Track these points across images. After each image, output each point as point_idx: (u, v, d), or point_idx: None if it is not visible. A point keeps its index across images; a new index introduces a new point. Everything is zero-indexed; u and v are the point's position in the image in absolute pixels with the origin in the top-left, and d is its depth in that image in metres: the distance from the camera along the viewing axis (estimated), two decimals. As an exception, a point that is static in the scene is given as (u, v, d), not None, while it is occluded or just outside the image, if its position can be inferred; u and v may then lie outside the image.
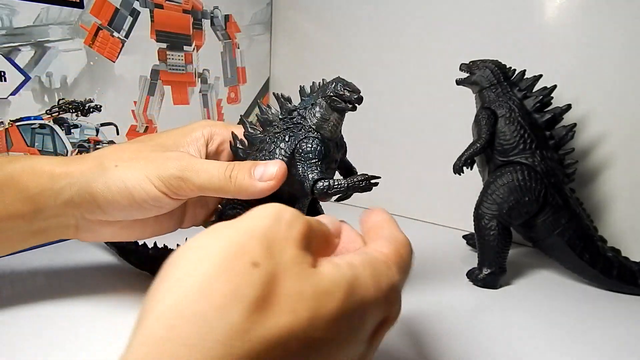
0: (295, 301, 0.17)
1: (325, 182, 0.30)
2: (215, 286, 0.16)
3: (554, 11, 0.49)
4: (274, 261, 0.17)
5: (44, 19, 0.47)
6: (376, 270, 0.20)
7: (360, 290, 0.19)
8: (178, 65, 0.61)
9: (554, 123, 0.43)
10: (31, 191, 0.31)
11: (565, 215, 0.42)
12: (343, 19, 0.65)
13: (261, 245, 0.18)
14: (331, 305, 0.18)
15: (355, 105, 0.31)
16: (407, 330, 0.34)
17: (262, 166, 0.31)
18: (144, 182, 0.31)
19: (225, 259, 0.17)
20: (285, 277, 0.17)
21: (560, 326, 0.36)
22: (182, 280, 0.16)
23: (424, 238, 0.55)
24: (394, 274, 0.21)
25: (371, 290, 0.19)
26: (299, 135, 0.32)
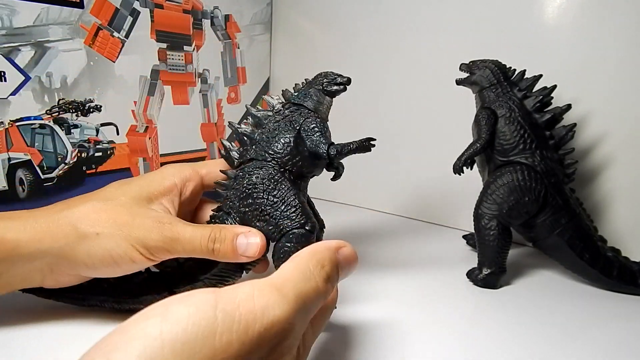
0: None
1: (337, 146, 0.34)
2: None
3: (554, 11, 0.49)
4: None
5: (44, 19, 0.47)
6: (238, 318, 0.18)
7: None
8: (178, 65, 0.61)
9: (554, 123, 0.43)
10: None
11: (565, 215, 0.42)
12: (343, 19, 0.65)
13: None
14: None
15: (345, 86, 0.36)
16: (407, 330, 0.34)
17: (244, 240, 0.31)
18: (131, 251, 0.30)
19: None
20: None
21: (560, 326, 0.36)
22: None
23: (424, 238, 0.55)
24: (268, 315, 0.18)
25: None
26: (301, 117, 0.35)
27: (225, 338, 0.17)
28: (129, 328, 0.17)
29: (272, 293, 0.19)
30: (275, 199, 0.33)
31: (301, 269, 0.21)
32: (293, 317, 0.19)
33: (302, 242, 0.32)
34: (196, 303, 0.17)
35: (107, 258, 0.30)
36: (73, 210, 0.31)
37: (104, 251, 0.30)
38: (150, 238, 0.30)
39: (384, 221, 0.62)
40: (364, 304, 0.38)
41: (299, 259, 0.22)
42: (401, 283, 0.42)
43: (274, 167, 0.33)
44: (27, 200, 0.49)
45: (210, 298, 0.18)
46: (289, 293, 0.19)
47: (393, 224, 0.61)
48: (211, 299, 0.18)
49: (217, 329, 0.17)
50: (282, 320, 0.18)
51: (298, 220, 0.32)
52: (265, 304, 0.18)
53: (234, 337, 0.17)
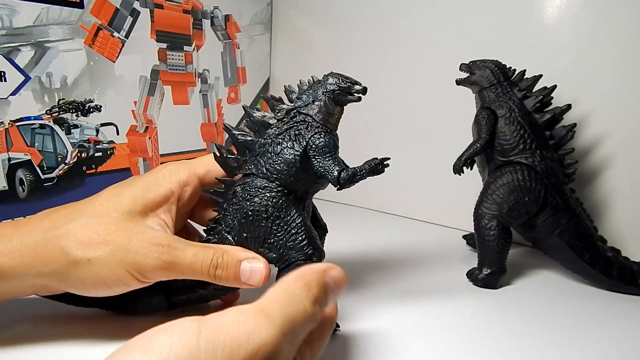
0: None
1: (348, 171, 0.30)
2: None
3: (553, 11, 0.49)
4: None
5: (44, 19, 0.47)
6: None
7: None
8: (178, 65, 0.61)
9: (554, 123, 0.43)
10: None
11: (565, 215, 0.42)
12: (343, 18, 0.65)
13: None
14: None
15: (361, 96, 0.32)
16: (407, 330, 0.34)
17: (247, 268, 0.30)
18: (125, 276, 0.28)
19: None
20: None
21: (560, 326, 0.36)
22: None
23: (424, 238, 0.55)
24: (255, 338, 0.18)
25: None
26: (308, 131, 0.31)
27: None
28: (117, 357, 0.16)
29: (257, 317, 0.18)
30: (280, 229, 0.30)
31: (288, 292, 0.20)
32: (279, 341, 0.18)
33: None
34: (179, 332, 0.17)
35: (99, 283, 0.28)
36: (61, 231, 0.28)
37: (96, 277, 0.28)
38: (147, 263, 0.28)
39: (384, 221, 0.62)
40: (364, 304, 0.38)
41: (286, 283, 0.21)
42: (401, 283, 0.42)
43: (277, 188, 0.31)
44: (27, 200, 0.49)
45: (194, 326, 0.17)
46: (276, 317, 0.19)
47: (393, 224, 0.60)
48: (195, 327, 0.17)
49: (201, 357, 0.16)
50: (268, 344, 0.18)
51: (305, 252, 0.30)
52: (251, 329, 0.18)
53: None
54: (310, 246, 0.30)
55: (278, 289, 0.21)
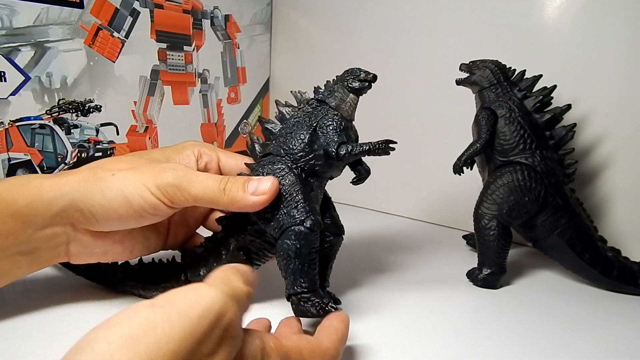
0: None
1: (348, 146, 0.32)
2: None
3: (554, 11, 0.49)
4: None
5: (44, 19, 0.47)
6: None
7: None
8: (178, 65, 0.61)
9: (554, 123, 0.43)
10: (19, 204, 0.30)
11: (565, 215, 0.42)
12: (343, 19, 0.65)
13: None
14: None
15: (370, 82, 0.35)
16: (407, 330, 0.34)
17: (255, 181, 0.31)
18: (142, 190, 0.31)
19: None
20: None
21: (560, 326, 0.36)
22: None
23: (424, 238, 0.55)
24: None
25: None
26: (320, 114, 0.34)
27: (166, 326, 0.18)
28: (79, 343, 0.17)
29: (202, 285, 0.20)
30: (280, 202, 0.32)
31: (222, 274, 0.22)
32: (224, 300, 0.20)
33: (300, 239, 0.31)
34: (134, 308, 0.18)
35: (120, 198, 0.31)
36: (95, 162, 0.34)
37: (117, 190, 0.31)
38: (163, 176, 0.31)
39: (384, 221, 0.62)
40: (363, 304, 0.38)
41: (216, 272, 0.23)
42: (401, 283, 0.42)
43: (286, 162, 0.33)
44: (27, 200, 0.49)
45: (147, 302, 0.19)
46: (218, 285, 0.21)
47: (393, 224, 0.61)
48: (148, 303, 0.19)
49: (157, 321, 0.18)
50: (215, 302, 0.19)
51: (298, 217, 0.31)
52: (199, 293, 0.19)
53: (175, 323, 0.18)
54: (304, 212, 0.31)
55: (212, 275, 0.22)
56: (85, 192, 0.31)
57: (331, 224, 0.35)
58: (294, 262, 0.31)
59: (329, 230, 0.35)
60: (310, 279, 0.31)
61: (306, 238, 0.31)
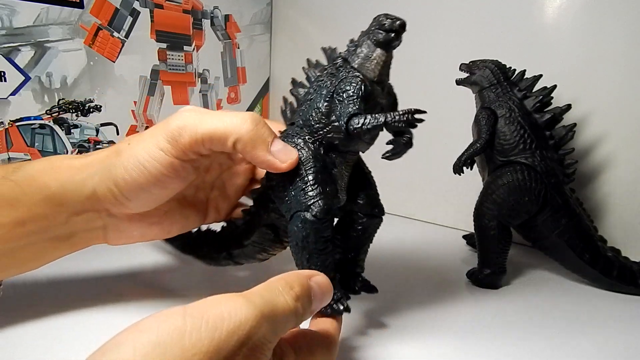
0: None
1: (360, 117, 0.27)
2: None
3: (554, 11, 0.49)
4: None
5: (44, 19, 0.47)
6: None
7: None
8: (178, 65, 0.61)
9: (554, 123, 0.43)
10: (52, 188, 0.30)
11: (565, 215, 0.42)
12: (343, 19, 0.65)
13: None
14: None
15: (397, 31, 0.28)
16: (407, 330, 0.34)
17: (282, 145, 0.29)
18: (153, 151, 0.29)
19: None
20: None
21: (561, 326, 0.36)
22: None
23: (424, 238, 0.55)
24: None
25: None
26: (340, 76, 0.29)
27: (194, 336, 0.18)
28: (106, 345, 0.18)
29: (239, 299, 0.20)
30: (290, 173, 0.28)
31: (269, 286, 0.22)
32: (258, 320, 0.19)
33: (306, 227, 0.27)
34: (166, 314, 0.18)
35: (137, 166, 0.29)
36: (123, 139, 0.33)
37: (133, 159, 0.30)
38: (169, 124, 0.29)
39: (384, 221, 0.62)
40: (363, 304, 0.38)
41: (269, 281, 0.22)
42: (401, 283, 0.42)
43: (304, 135, 0.29)
44: (27, 200, 0.49)
45: (179, 309, 0.19)
46: (256, 301, 0.20)
47: (393, 224, 0.60)
48: (180, 310, 0.19)
49: (186, 330, 0.18)
50: (248, 320, 0.19)
51: (304, 201, 0.27)
52: (233, 307, 0.19)
53: (203, 335, 0.18)
54: (311, 196, 0.27)
55: (261, 285, 0.22)
56: (109, 168, 0.30)
57: (365, 203, 0.31)
58: (302, 252, 0.28)
59: (362, 211, 0.31)
60: (320, 270, 0.27)
61: (312, 226, 0.27)
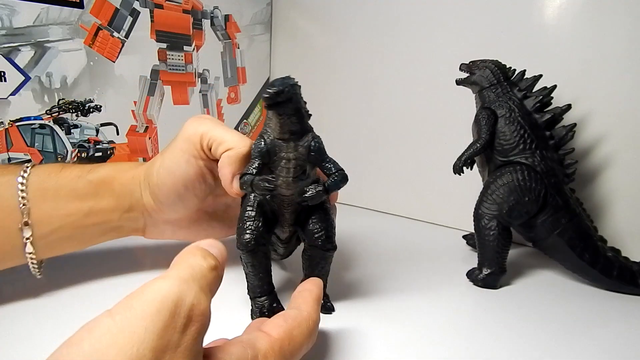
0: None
1: (245, 177, 0.32)
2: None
3: (554, 11, 0.49)
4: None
5: (44, 19, 0.47)
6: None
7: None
8: (178, 65, 0.61)
9: (554, 123, 0.43)
10: (116, 191, 0.37)
11: (565, 215, 0.42)
12: (343, 19, 0.65)
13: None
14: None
15: (267, 103, 0.29)
16: (407, 330, 0.34)
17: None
18: (178, 154, 0.36)
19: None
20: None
21: (560, 326, 0.36)
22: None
23: (424, 238, 0.55)
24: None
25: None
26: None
27: (127, 331, 0.18)
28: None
29: (156, 279, 0.20)
30: (242, 205, 0.35)
31: (177, 260, 0.22)
32: (180, 285, 0.20)
33: (239, 253, 0.34)
34: (93, 321, 0.18)
35: (165, 171, 0.36)
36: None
37: (164, 167, 0.36)
38: (188, 129, 0.36)
39: (384, 221, 0.62)
40: (363, 304, 0.38)
41: (173, 263, 0.23)
42: (401, 283, 0.42)
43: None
44: (27, 200, 0.49)
45: (105, 312, 0.19)
46: (171, 273, 0.21)
47: (393, 224, 0.61)
48: (105, 312, 0.19)
49: (117, 329, 0.18)
50: (171, 290, 0.19)
51: (238, 232, 0.34)
52: (153, 288, 0.20)
53: (134, 326, 0.18)
54: (243, 231, 0.33)
55: (170, 267, 0.22)
56: (148, 178, 0.37)
57: (310, 235, 0.34)
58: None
59: (308, 242, 0.35)
60: (249, 286, 0.35)
61: (240, 254, 0.33)
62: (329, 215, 0.35)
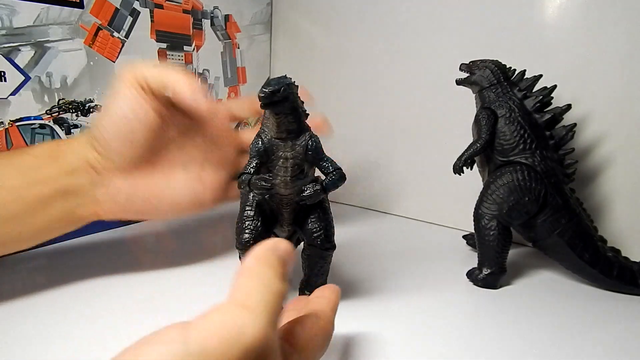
0: None
1: (243, 176, 0.32)
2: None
3: (554, 11, 0.49)
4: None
5: (44, 19, 0.47)
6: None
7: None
8: (178, 65, 0.61)
9: (554, 123, 0.43)
10: (58, 157, 0.37)
11: (565, 215, 0.42)
12: (343, 18, 0.65)
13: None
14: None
15: (264, 103, 0.30)
16: (407, 330, 0.34)
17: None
18: (124, 89, 0.36)
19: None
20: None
21: (560, 326, 0.36)
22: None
23: (424, 238, 0.55)
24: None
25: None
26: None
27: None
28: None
29: (242, 313, 0.18)
30: (241, 204, 0.35)
31: (258, 277, 0.20)
32: (268, 332, 0.18)
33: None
34: (165, 342, 0.17)
35: (116, 109, 0.36)
36: None
37: (115, 105, 0.37)
38: (136, 67, 0.36)
39: (384, 221, 0.62)
40: (362, 304, 0.38)
41: (250, 269, 0.21)
42: (401, 283, 0.42)
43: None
44: (27, 200, 0.49)
45: (179, 333, 0.17)
46: (257, 307, 0.18)
47: (393, 224, 0.60)
48: (181, 334, 0.17)
49: (188, 356, 0.16)
50: (258, 338, 0.17)
51: (237, 231, 0.34)
52: (239, 327, 0.17)
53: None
54: (241, 231, 0.33)
55: (247, 276, 0.20)
56: (92, 134, 0.37)
57: (309, 234, 0.34)
58: None
59: (307, 241, 0.35)
60: None
61: (238, 254, 0.35)
62: (327, 214, 0.35)
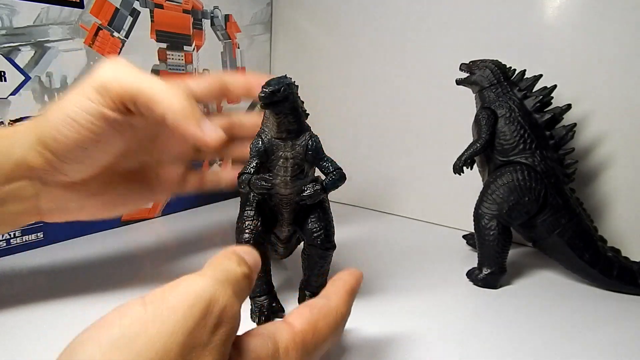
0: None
1: (243, 176, 0.32)
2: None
3: (554, 11, 0.49)
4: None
5: (44, 19, 0.47)
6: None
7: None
8: (178, 65, 0.61)
9: (554, 123, 0.43)
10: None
11: (565, 215, 0.42)
12: (343, 19, 0.65)
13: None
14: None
15: (263, 102, 0.31)
16: (407, 331, 0.34)
17: (210, 123, 0.32)
18: (81, 101, 0.29)
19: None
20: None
21: (560, 326, 0.36)
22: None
23: (424, 238, 0.55)
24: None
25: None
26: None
27: (157, 322, 0.17)
28: (71, 345, 0.17)
29: (192, 275, 0.20)
30: (241, 205, 0.35)
31: (215, 260, 0.22)
32: (216, 286, 0.20)
33: None
34: (126, 306, 0.18)
35: (66, 121, 0.30)
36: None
37: (62, 115, 0.30)
38: (98, 74, 0.30)
39: (384, 221, 0.62)
40: (362, 303, 0.38)
41: (212, 258, 0.23)
42: (401, 283, 0.42)
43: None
44: (27, 200, 0.49)
45: (137, 300, 0.19)
46: (208, 272, 0.20)
47: (393, 224, 0.60)
48: (139, 300, 0.19)
49: (148, 318, 0.18)
50: (206, 289, 0.19)
51: (237, 231, 0.34)
52: (189, 284, 0.19)
53: (166, 318, 0.18)
54: (242, 231, 0.33)
55: (207, 263, 0.22)
56: (38, 130, 0.30)
57: (309, 234, 0.34)
58: None
59: (307, 241, 0.35)
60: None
61: None
62: (327, 214, 0.35)
